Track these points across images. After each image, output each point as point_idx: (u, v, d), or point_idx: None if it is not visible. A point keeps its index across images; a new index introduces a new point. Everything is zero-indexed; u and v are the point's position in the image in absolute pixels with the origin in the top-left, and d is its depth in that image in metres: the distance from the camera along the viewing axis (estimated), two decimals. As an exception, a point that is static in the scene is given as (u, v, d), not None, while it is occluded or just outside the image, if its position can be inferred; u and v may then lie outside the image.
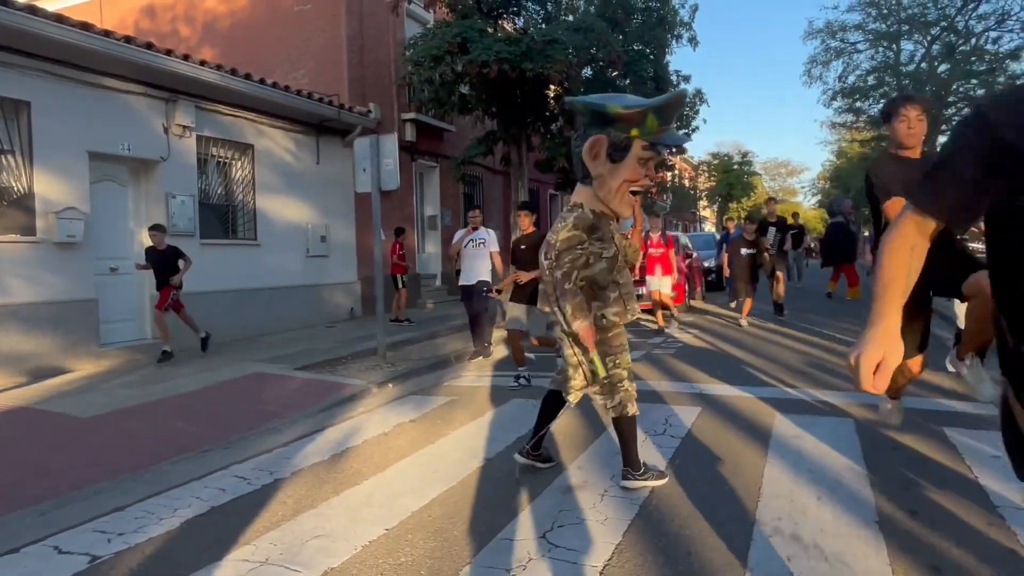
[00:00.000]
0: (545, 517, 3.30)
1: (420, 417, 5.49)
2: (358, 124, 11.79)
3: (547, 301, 3.71)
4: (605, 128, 3.61)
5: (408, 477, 4.00)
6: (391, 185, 7.78)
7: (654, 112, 3.55)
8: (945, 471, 3.84)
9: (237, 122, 9.78)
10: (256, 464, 4.41)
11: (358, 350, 8.64)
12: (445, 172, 15.35)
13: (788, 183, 64.31)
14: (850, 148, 39.14)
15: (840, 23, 21.67)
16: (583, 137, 3.65)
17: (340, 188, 11.93)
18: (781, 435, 4.60)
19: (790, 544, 2.94)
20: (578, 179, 3.77)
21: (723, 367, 7.12)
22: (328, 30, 12.42)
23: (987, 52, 19.79)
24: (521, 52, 9.81)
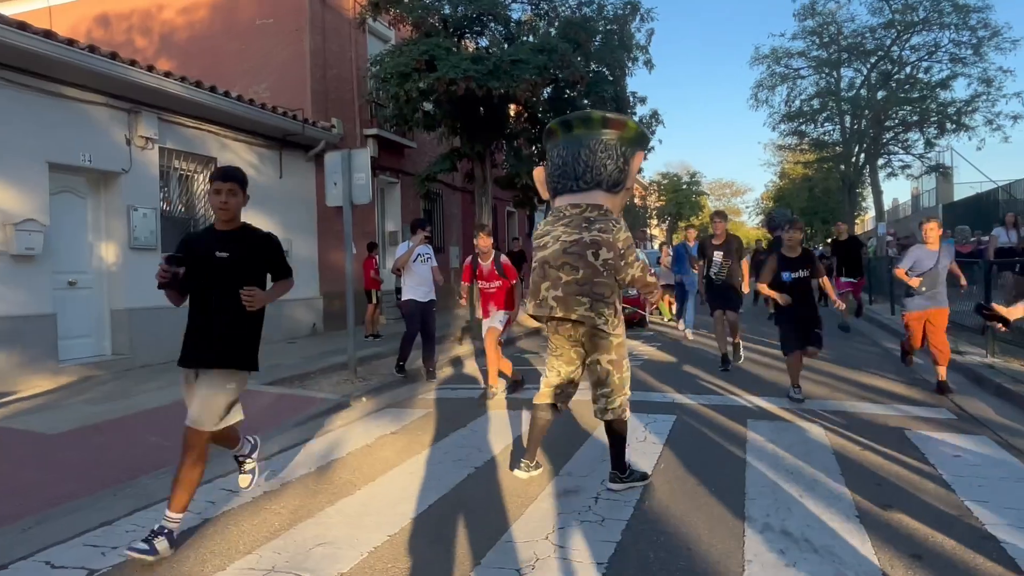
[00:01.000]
0: (544, 520, 3.38)
1: (401, 429, 5.51)
2: (321, 139, 11.75)
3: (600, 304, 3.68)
4: (639, 147, 3.88)
5: (401, 486, 4.02)
6: (363, 199, 7.80)
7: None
8: (911, 469, 4.08)
9: (200, 135, 9.64)
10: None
11: (326, 365, 8.57)
12: (406, 188, 15.39)
13: (732, 203, 66.19)
14: (792, 170, 40.70)
15: (785, 50, 22.69)
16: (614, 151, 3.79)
17: (303, 203, 11.85)
18: (756, 439, 4.80)
19: (781, 538, 3.10)
20: (603, 187, 3.82)
21: (689, 378, 7.34)
22: (291, 44, 12.38)
23: (920, 81, 21.00)
24: (488, 71, 9.98)
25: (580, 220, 3.73)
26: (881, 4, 20.26)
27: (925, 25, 20.12)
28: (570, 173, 3.83)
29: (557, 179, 3.91)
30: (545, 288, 3.75)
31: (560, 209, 3.88)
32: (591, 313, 3.64)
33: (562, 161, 3.86)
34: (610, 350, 3.82)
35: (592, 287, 3.63)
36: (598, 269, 3.63)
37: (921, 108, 21.29)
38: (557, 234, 3.77)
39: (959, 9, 19.29)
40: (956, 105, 20.46)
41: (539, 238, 3.89)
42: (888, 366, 7.92)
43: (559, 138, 3.97)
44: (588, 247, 3.63)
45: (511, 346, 11.12)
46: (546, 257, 3.78)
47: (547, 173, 4.02)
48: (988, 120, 20.11)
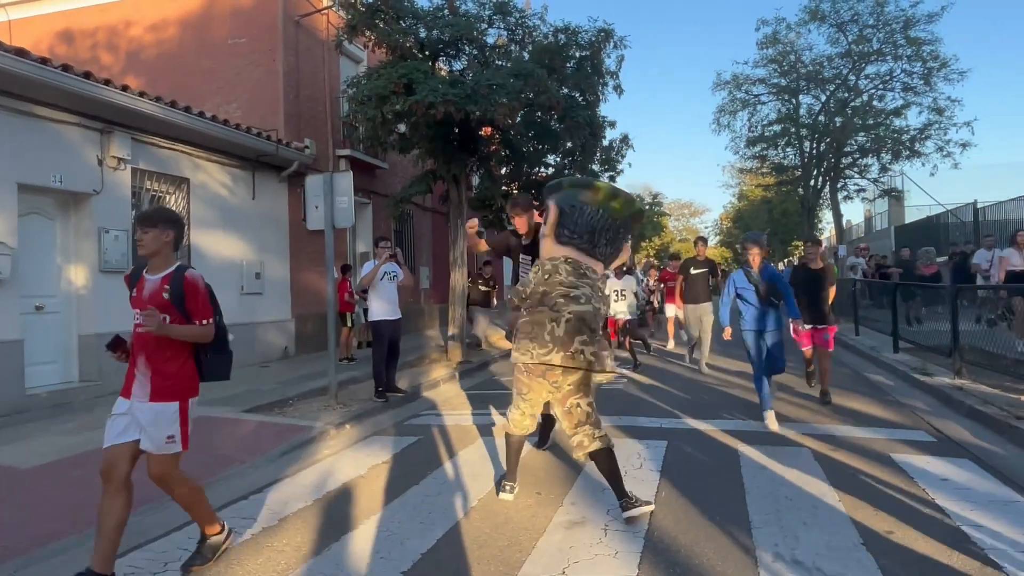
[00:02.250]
0: (557, 554, 3.37)
1: (393, 459, 5.43)
2: (295, 160, 11.65)
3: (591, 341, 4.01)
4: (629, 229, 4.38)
5: (404, 520, 3.96)
6: (346, 223, 7.73)
7: None
8: (904, 493, 4.19)
9: (173, 155, 9.45)
10: (235, 512, 4.24)
11: (303, 391, 8.41)
12: (378, 209, 15.31)
13: (691, 223, 67.46)
14: (751, 192, 41.72)
15: (745, 76, 23.36)
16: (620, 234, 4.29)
17: (275, 224, 11.68)
18: (749, 465, 4.88)
19: (794, 568, 3.14)
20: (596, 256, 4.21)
21: (673, 400, 7.42)
22: (264, 64, 12.26)
23: (875, 109, 21.83)
24: (466, 94, 10.01)
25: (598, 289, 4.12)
26: (838, 35, 21.12)
27: (879, 55, 20.97)
28: (595, 238, 4.12)
29: (580, 233, 4.11)
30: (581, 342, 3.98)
31: (581, 266, 4.09)
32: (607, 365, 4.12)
33: (596, 223, 4.10)
34: (591, 394, 4.10)
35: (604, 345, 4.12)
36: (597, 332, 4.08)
37: (876, 135, 22.10)
38: (588, 294, 4.02)
39: (911, 41, 20.17)
40: (910, 133, 21.30)
41: (566, 286, 4.01)
42: (860, 387, 8.13)
43: (599, 200, 4.14)
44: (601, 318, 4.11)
45: (483, 370, 11.10)
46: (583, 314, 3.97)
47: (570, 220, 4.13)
48: (939, 147, 21.01)
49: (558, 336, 3.92)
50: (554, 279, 4.01)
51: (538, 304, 4.02)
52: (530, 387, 4.09)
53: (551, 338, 3.93)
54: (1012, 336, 8.02)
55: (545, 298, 3.99)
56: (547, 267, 4.09)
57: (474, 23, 11.40)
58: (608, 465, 3.95)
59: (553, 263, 4.08)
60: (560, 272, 4.02)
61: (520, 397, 4.18)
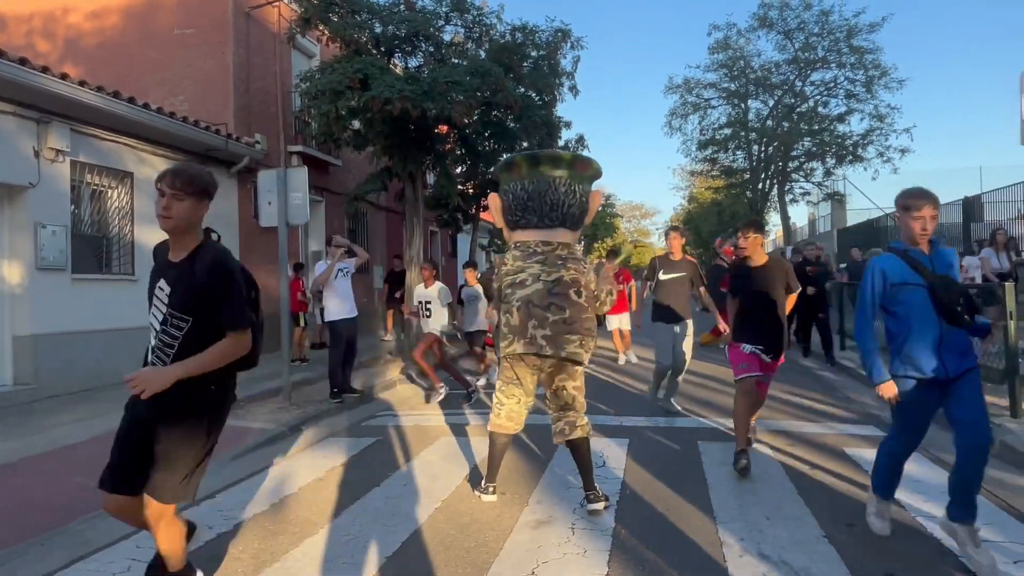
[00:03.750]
0: (525, 554, 3.32)
1: (351, 460, 5.30)
2: (245, 155, 11.31)
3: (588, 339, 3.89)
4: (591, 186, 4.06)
5: (366, 523, 3.85)
6: (300, 220, 7.54)
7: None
8: (860, 486, 4.28)
9: (116, 148, 9.06)
10: (188, 517, 4.05)
11: (255, 392, 8.16)
12: (331, 207, 15.03)
13: (642, 225, 68.42)
14: (701, 194, 42.51)
15: (697, 80, 23.82)
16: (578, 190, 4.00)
17: (224, 221, 11.32)
18: (710, 461, 4.92)
19: (761, 562, 3.16)
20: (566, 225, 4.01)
21: (631, 399, 7.46)
22: (213, 56, 11.88)
23: (819, 115, 22.53)
24: (423, 91, 9.89)
25: (555, 258, 3.87)
26: (785, 42, 21.71)
27: (824, 63, 21.65)
28: (535, 208, 3.95)
29: (520, 213, 4.00)
30: (532, 327, 3.84)
31: (529, 245, 3.98)
32: (580, 349, 3.80)
33: (527, 196, 3.97)
34: (577, 376, 4.04)
35: (581, 324, 3.81)
36: (582, 306, 3.81)
37: (820, 140, 22.80)
38: (535, 272, 3.86)
39: (854, 50, 20.88)
40: (853, 138, 22.04)
41: (512, 274, 3.94)
42: (809, 383, 8.33)
43: (523, 172, 4.04)
44: (570, 286, 3.79)
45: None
46: (529, 296, 3.85)
47: (506, 204, 4.06)
48: (880, 152, 21.81)
49: (514, 325, 3.89)
50: (502, 271, 4.02)
51: (499, 301, 4.06)
52: (516, 373, 4.06)
53: (508, 329, 3.92)
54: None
55: (500, 293, 4.03)
56: (498, 262, 4.13)
57: (431, 19, 11.30)
58: (583, 455, 4.00)
59: (502, 256, 4.10)
60: (507, 261, 4.01)
61: (511, 385, 4.10)
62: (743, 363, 4.74)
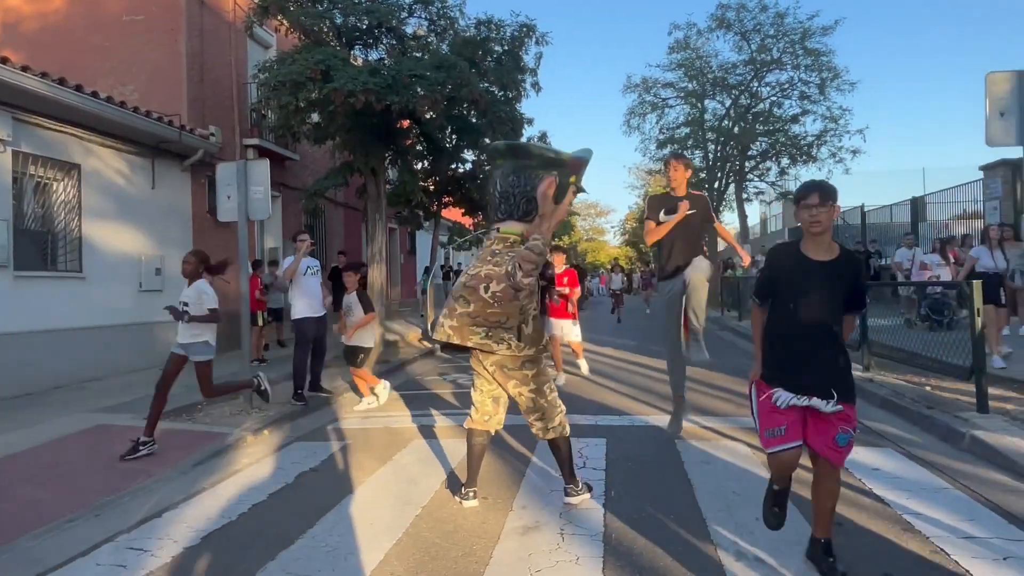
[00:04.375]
0: (517, 563, 3.19)
1: (322, 465, 5.09)
2: (199, 148, 10.88)
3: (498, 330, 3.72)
4: (551, 172, 3.80)
5: (343, 532, 3.67)
6: (261, 215, 7.24)
7: (583, 165, 3.97)
8: (845, 483, 4.26)
9: (62, 138, 8.58)
10: (149, 531, 3.81)
11: (213, 394, 7.82)
12: (288, 202, 14.63)
13: (598, 223, 68.92)
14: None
15: (655, 79, 23.99)
16: (522, 177, 3.86)
17: (178, 215, 10.88)
18: (691, 459, 4.87)
19: (757, 566, 3.10)
20: (515, 216, 3.90)
21: (604, 397, 7.39)
22: (164, 45, 11.39)
23: (774, 115, 22.95)
24: (387, 84, 9.65)
25: (488, 253, 3.86)
26: (742, 43, 22.03)
27: (779, 65, 22.04)
28: (494, 203, 3.96)
29: (493, 207, 4.02)
30: (443, 316, 3.84)
31: (488, 240, 4.02)
32: (488, 340, 3.70)
33: (501, 191, 3.94)
34: (524, 381, 3.86)
35: (486, 317, 3.71)
36: (488, 301, 3.70)
37: (774, 140, 23.23)
38: (470, 266, 3.90)
39: (809, 52, 21.32)
40: (807, 139, 22.53)
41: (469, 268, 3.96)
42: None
43: (498, 163, 4.05)
44: (481, 281, 3.72)
45: (400, 370, 10.80)
46: (454, 289, 3.89)
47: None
48: (832, 153, 22.32)
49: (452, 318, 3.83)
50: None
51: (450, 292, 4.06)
52: (474, 365, 4.01)
53: (447, 319, 3.83)
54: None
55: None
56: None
57: (394, 11, 11.05)
58: (562, 452, 3.97)
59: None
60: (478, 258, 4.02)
61: (478, 377, 4.04)
62: (776, 425, 2.96)
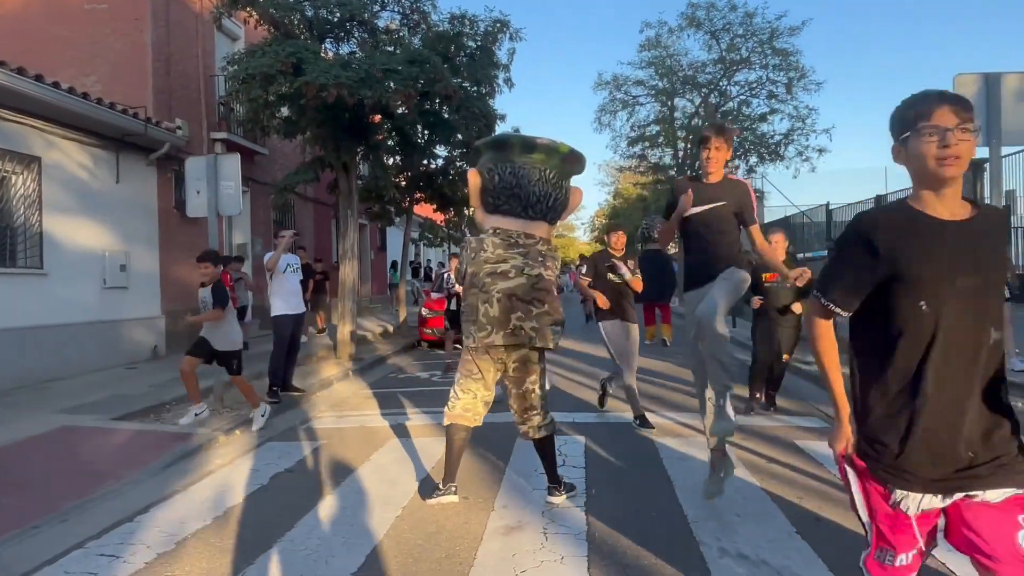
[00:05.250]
0: (501, 564, 3.17)
1: (297, 466, 5.00)
2: (166, 141, 10.60)
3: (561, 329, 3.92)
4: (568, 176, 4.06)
5: (323, 535, 3.61)
6: (232, 210, 7.11)
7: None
8: (818, 479, 4.35)
9: (21, 130, 8.28)
10: (120, 537, 3.69)
11: (180, 394, 7.61)
12: (257, 197, 14.38)
13: (567, 219, 69.03)
14: (627, 190, 43.22)
15: (625, 77, 24.11)
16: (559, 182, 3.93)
17: (143, 211, 10.60)
18: (669, 457, 4.90)
19: (741, 562, 3.12)
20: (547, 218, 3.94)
21: (578, 394, 7.40)
22: (128, 34, 11.07)
23: (742, 114, 23.24)
24: (359, 78, 9.52)
25: (536, 253, 3.82)
26: (712, 42, 22.25)
27: (747, 64, 22.32)
28: (522, 197, 3.83)
29: (503, 198, 3.86)
30: (517, 319, 3.76)
31: (511, 234, 3.86)
32: (557, 338, 3.84)
33: (515, 182, 3.82)
34: (540, 373, 3.98)
35: (557, 316, 3.84)
36: (557, 302, 3.88)
37: (742, 139, 23.50)
38: (518, 264, 3.78)
39: (777, 52, 21.62)
40: (775, 138, 22.86)
41: (493, 263, 3.79)
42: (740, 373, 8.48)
43: (514, 155, 3.90)
44: (551, 283, 3.83)
45: (379, 367, 10.71)
46: (513, 290, 3.76)
47: (490, 185, 3.88)
48: (799, 152, 22.70)
49: (493, 316, 3.77)
50: (480, 257, 3.83)
51: (470, 286, 3.86)
52: (480, 367, 3.92)
53: (487, 320, 3.77)
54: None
55: (474, 279, 3.83)
56: (473, 244, 3.93)
57: (367, 4, 10.91)
58: (548, 450, 4.01)
59: (479, 239, 3.91)
60: (486, 247, 3.83)
61: (471, 379, 3.96)
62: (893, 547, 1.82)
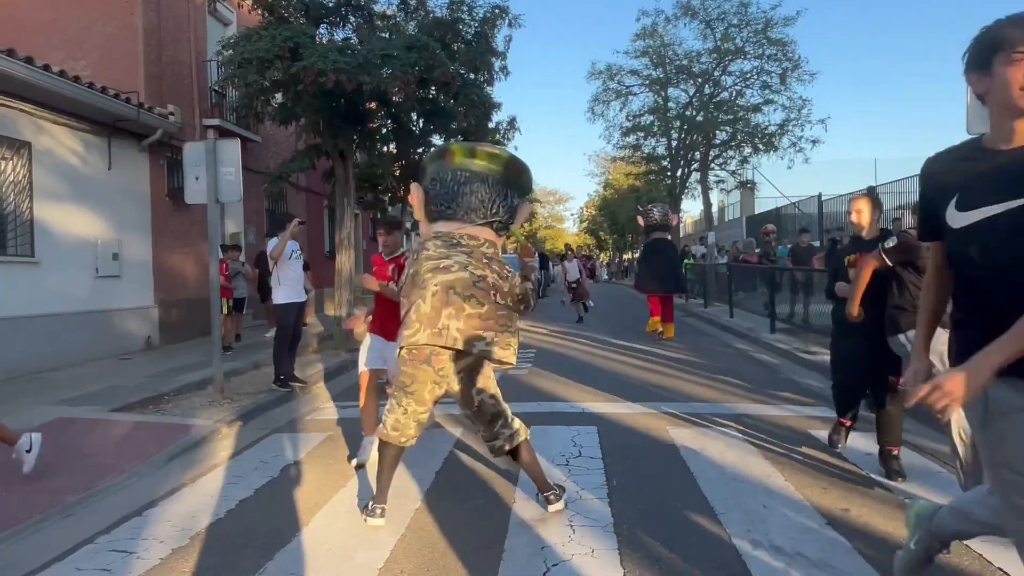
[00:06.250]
0: (531, 557, 3.08)
1: (306, 459, 4.89)
2: (158, 127, 10.40)
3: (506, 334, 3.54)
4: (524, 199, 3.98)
5: (343, 529, 3.51)
6: (233, 197, 6.92)
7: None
8: (840, 469, 4.30)
9: (11, 114, 8.05)
10: (130, 532, 3.58)
11: (180, 385, 7.51)
12: (249, 185, 14.08)
13: (556, 210, 69.14)
14: (617, 180, 43.22)
15: (619, 67, 24.03)
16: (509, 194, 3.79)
17: (135, 198, 10.39)
18: (686, 447, 4.83)
19: (777, 555, 3.05)
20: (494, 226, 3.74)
21: (585, 384, 7.33)
22: (118, 18, 10.81)
23: (736, 104, 23.24)
24: (358, 64, 9.35)
25: (480, 255, 3.56)
26: (707, 31, 22.21)
27: (742, 54, 22.30)
28: (463, 201, 3.66)
29: (445, 203, 3.67)
30: (447, 316, 3.40)
31: (453, 236, 3.63)
32: (493, 347, 3.45)
33: (456, 187, 3.66)
34: (492, 383, 3.72)
35: (496, 321, 3.48)
36: (500, 304, 3.51)
37: (735, 129, 23.54)
38: (462, 261, 3.50)
39: (773, 42, 21.62)
40: (770, 128, 22.90)
41: (435, 259, 3.52)
42: (750, 366, 8.47)
43: (456, 162, 3.75)
44: (493, 288, 3.49)
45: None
46: (452, 282, 3.43)
47: (430, 195, 3.73)
48: (793, 143, 22.75)
49: (424, 313, 3.41)
50: (421, 256, 3.58)
51: (411, 287, 3.56)
52: (413, 377, 3.48)
53: (416, 316, 3.42)
54: None
55: (415, 278, 3.54)
56: (415, 247, 3.74)
57: (364, -12, 10.71)
58: (528, 456, 3.69)
59: (422, 243, 3.68)
60: (428, 248, 3.59)
61: (403, 393, 3.53)
62: None
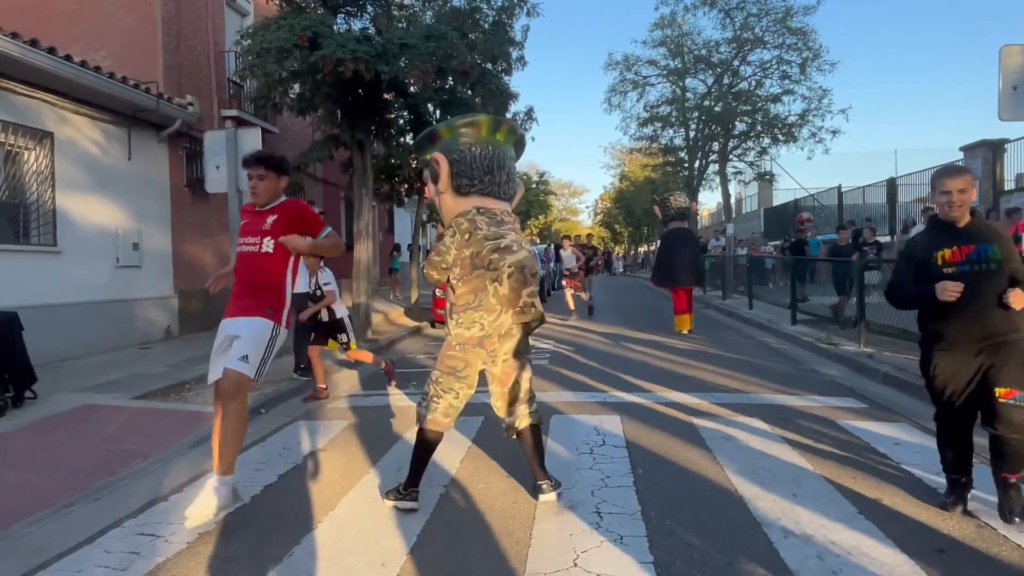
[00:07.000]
0: (560, 543, 3.05)
1: (329, 445, 4.89)
2: (177, 117, 10.43)
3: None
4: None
5: (369, 514, 3.49)
6: (253, 186, 6.91)
7: None
8: (870, 458, 4.23)
9: (34, 104, 8.10)
10: (157, 515, 3.59)
11: (199, 373, 7.49)
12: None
13: (571, 203, 69.00)
14: (633, 172, 42.97)
15: (635, 57, 23.84)
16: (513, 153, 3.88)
17: (154, 188, 10.44)
18: (711, 436, 4.78)
19: (807, 544, 3.00)
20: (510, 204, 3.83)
21: (604, 375, 7.29)
22: (138, 9, 10.85)
23: (755, 95, 22.99)
24: (376, 53, 9.32)
25: (514, 230, 3.68)
26: (726, 21, 21.97)
27: (761, 43, 22.04)
28: (496, 175, 3.67)
29: (479, 177, 3.62)
30: (528, 295, 3.56)
31: (495, 213, 3.64)
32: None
33: (489, 163, 3.64)
34: (528, 363, 3.76)
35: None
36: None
37: (754, 120, 23.30)
38: (518, 239, 3.61)
39: (793, 31, 21.34)
40: (790, 118, 22.65)
41: (492, 240, 3.49)
42: (772, 357, 8.39)
43: (482, 135, 3.70)
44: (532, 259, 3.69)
45: (394, 347, 10.60)
46: (522, 262, 3.54)
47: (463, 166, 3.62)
48: (812, 133, 22.48)
49: (503, 295, 3.46)
50: (476, 235, 3.48)
51: (471, 269, 3.49)
52: (467, 362, 3.53)
53: (497, 300, 3.47)
54: None
55: (476, 259, 3.47)
56: (463, 226, 3.52)
57: (382, -23, 10.66)
58: (535, 440, 3.67)
59: (469, 219, 3.54)
60: (480, 226, 3.51)
61: (455, 378, 3.53)
62: None
